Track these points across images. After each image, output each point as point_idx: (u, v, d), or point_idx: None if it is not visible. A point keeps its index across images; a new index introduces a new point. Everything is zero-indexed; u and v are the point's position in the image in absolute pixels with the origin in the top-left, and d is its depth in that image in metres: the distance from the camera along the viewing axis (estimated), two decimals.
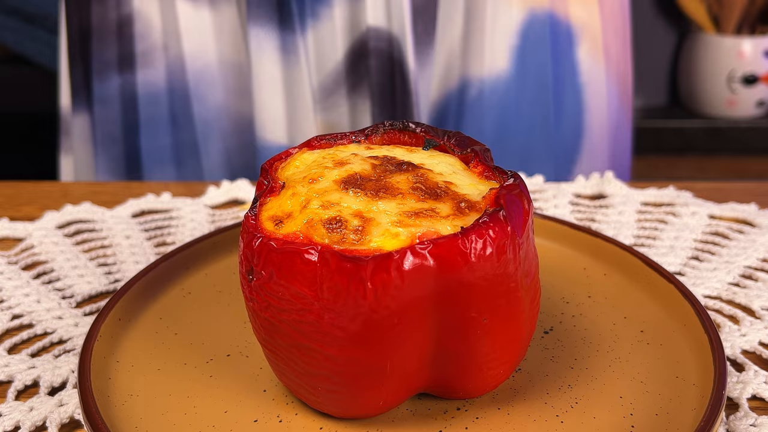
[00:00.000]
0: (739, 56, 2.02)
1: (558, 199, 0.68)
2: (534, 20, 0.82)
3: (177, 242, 0.62)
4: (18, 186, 0.73)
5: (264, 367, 0.43)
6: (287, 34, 0.78)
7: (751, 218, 0.63)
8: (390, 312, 0.34)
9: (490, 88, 0.83)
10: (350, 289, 0.34)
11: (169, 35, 0.80)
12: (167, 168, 0.84)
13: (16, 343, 0.49)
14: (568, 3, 0.83)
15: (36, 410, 0.43)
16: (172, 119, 0.83)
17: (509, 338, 0.39)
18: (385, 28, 0.78)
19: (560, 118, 0.86)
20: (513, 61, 0.83)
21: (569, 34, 0.84)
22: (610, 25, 0.86)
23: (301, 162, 0.42)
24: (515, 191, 0.37)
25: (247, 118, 0.82)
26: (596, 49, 0.85)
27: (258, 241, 0.36)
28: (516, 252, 0.36)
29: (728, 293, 0.53)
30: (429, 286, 0.34)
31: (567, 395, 0.41)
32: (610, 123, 0.89)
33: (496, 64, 0.82)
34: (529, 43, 0.83)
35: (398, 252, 0.34)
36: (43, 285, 0.55)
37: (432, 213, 0.37)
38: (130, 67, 0.82)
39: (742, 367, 0.46)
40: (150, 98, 0.82)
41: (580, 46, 0.84)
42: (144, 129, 0.83)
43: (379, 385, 0.37)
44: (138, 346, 0.45)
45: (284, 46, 0.79)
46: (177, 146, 0.83)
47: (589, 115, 0.87)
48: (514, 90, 0.83)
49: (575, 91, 0.86)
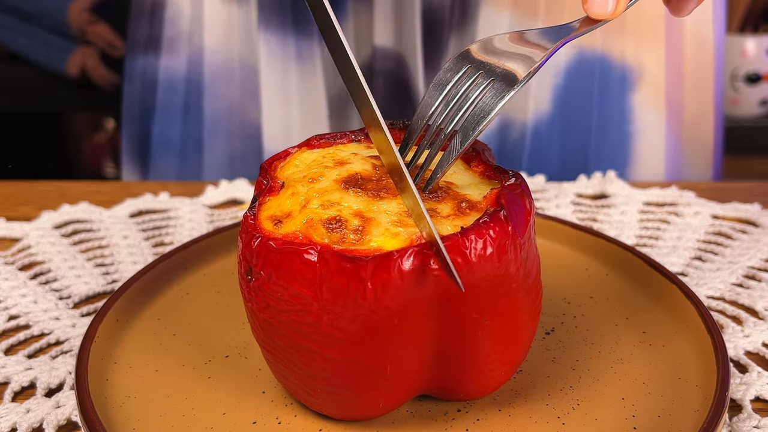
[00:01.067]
0: (742, 55, 2.01)
1: (560, 199, 0.67)
2: (582, 60, 0.76)
3: (175, 242, 0.61)
4: (15, 186, 0.73)
5: (263, 369, 0.43)
6: (303, 41, 0.77)
7: (755, 218, 0.63)
8: (390, 313, 0.34)
9: (531, 130, 0.77)
10: (350, 290, 0.33)
11: (194, 25, 0.79)
12: (171, 159, 0.84)
13: (12, 344, 0.49)
14: (625, 44, 0.76)
15: (33, 412, 0.42)
16: (185, 110, 0.82)
17: (510, 339, 0.38)
18: (393, 48, 0.76)
19: (599, 167, 0.77)
20: (555, 102, 0.77)
21: (623, 78, 0.77)
22: (676, 72, 0.78)
23: (300, 161, 0.42)
24: (517, 191, 0.37)
25: (255, 126, 0.81)
26: (656, 97, 0.78)
27: (257, 241, 0.36)
28: (517, 252, 0.36)
29: (731, 294, 0.53)
30: (429, 286, 0.34)
31: (568, 397, 0.41)
32: (667, 176, 0.80)
33: (539, 105, 0.77)
34: (574, 84, 0.76)
35: (398, 252, 0.33)
36: (40, 285, 0.55)
37: (432, 213, 0.36)
38: (155, 51, 0.81)
39: (745, 369, 0.46)
40: (169, 85, 0.82)
41: (635, 92, 0.77)
42: (158, 115, 0.82)
43: (379, 386, 0.37)
44: (136, 347, 0.45)
45: (300, 53, 0.77)
46: (184, 138, 0.83)
47: (636, 166, 0.78)
48: (555, 133, 0.78)
49: (620, 140, 0.78)
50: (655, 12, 0.76)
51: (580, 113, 0.77)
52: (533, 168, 0.78)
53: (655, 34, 0.76)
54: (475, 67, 0.39)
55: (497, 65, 0.39)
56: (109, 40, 1.67)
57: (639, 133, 0.78)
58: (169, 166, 0.84)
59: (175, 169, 0.84)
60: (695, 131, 0.82)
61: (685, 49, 0.79)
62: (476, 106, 0.38)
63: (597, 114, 0.77)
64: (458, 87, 0.39)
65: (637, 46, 0.76)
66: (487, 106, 0.37)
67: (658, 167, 0.79)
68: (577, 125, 0.77)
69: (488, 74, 0.39)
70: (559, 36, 0.39)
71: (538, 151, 0.78)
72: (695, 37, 0.79)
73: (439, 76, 0.40)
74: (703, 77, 0.80)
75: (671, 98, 0.79)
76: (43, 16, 1.69)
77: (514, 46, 0.39)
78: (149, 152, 0.84)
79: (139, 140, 0.85)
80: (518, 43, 0.39)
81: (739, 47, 2.04)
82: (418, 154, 0.39)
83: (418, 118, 0.40)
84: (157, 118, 0.82)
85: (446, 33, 0.75)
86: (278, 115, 0.79)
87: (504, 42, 0.40)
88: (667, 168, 0.79)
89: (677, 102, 0.79)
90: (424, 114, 0.39)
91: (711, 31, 0.79)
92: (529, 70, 0.37)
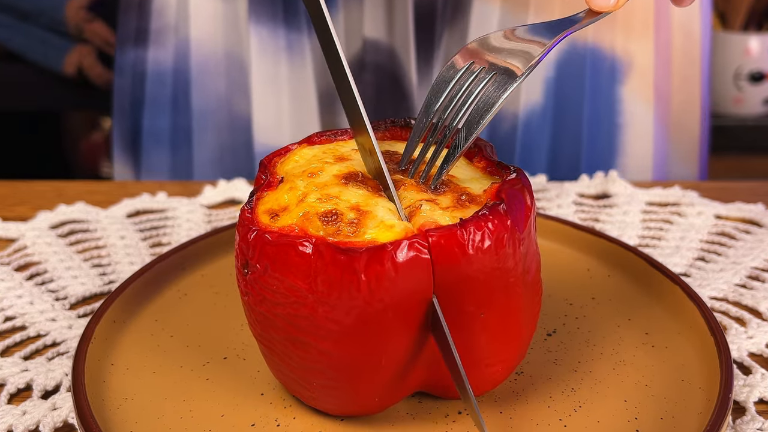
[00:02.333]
0: (745, 53, 2.01)
1: (561, 199, 0.67)
2: (573, 52, 0.75)
3: (173, 243, 0.61)
4: (11, 185, 0.72)
5: (261, 370, 0.43)
6: (293, 33, 0.77)
7: (758, 218, 0.63)
8: (384, 305, 0.34)
9: (523, 122, 0.77)
10: (344, 282, 0.33)
11: (180, 16, 0.79)
12: (162, 152, 0.83)
13: (8, 345, 0.48)
14: (615, 35, 0.76)
15: (29, 414, 0.42)
16: (174, 102, 0.82)
17: (508, 336, 0.38)
18: (384, 41, 0.75)
19: (590, 159, 0.78)
20: (547, 94, 0.77)
21: (613, 69, 0.77)
22: (665, 63, 0.79)
23: (300, 157, 0.42)
24: (517, 186, 0.37)
25: (245, 117, 0.81)
26: (644, 89, 0.78)
27: (253, 234, 0.36)
28: (516, 247, 0.36)
29: (735, 295, 0.53)
30: (425, 278, 0.34)
31: (570, 399, 0.40)
32: (655, 169, 0.80)
33: (530, 97, 0.77)
34: (565, 76, 0.76)
35: (392, 244, 0.33)
36: (37, 286, 0.55)
37: (431, 203, 0.36)
38: (143, 43, 0.81)
39: (749, 370, 0.45)
40: (157, 78, 0.81)
41: (624, 83, 0.78)
42: (148, 108, 0.82)
43: (374, 380, 0.37)
44: (133, 348, 0.44)
45: (290, 45, 0.77)
46: (174, 130, 0.83)
47: (624, 158, 0.79)
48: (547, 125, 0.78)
49: (609, 132, 0.78)
50: (645, 4, 0.76)
51: (572, 105, 0.77)
52: (525, 159, 0.78)
53: (645, 26, 0.76)
54: (477, 63, 0.40)
55: (497, 62, 0.39)
56: (106, 38, 1.67)
57: (628, 125, 0.79)
58: (160, 158, 0.84)
59: (167, 161, 0.84)
60: (682, 124, 0.82)
61: (673, 42, 0.79)
62: (480, 100, 0.38)
63: (588, 106, 0.77)
64: (461, 84, 0.40)
65: (627, 38, 0.76)
66: (489, 100, 0.38)
67: (645, 159, 0.80)
68: (569, 117, 0.78)
69: (490, 70, 0.39)
70: (562, 28, 0.40)
71: (529, 143, 0.78)
72: (682, 31, 0.79)
73: (442, 74, 0.40)
74: (691, 71, 0.81)
75: (660, 90, 0.79)
76: (40, 15, 1.69)
77: (512, 43, 0.40)
78: (140, 145, 0.84)
79: (130, 133, 0.84)
80: (516, 39, 0.40)
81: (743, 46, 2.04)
82: (425, 151, 0.40)
83: (423, 116, 0.40)
84: (146, 111, 0.82)
85: (439, 26, 0.75)
86: (269, 107, 0.78)
87: (503, 38, 0.41)
88: (654, 160, 0.80)
89: (665, 94, 0.80)
90: (429, 111, 0.40)
91: (698, 25, 0.80)
92: (528, 64, 0.38)
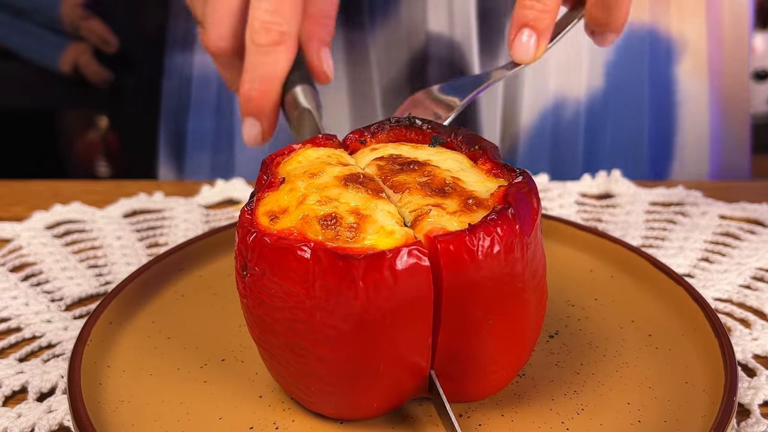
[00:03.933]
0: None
1: (563, 199, 0.67)
2: (633, 35, 0.77)
3: (170, 243, 0.61)
4: (6, 185, 0.72)
5: (260, 372, 0.42)
6: (355, 31, 0.76)
7: (763, 218, 0.62)
8: (383, 312, 0.33)
9: (586, 107, 0.78)
10: (342, 288, 0.33)
11: None
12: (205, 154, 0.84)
13: (3, 347, 0.48)
14: (670, 17, 0.78)
15: (24, 416, 0.42)
16: (218, 105, 0.83)
17: (514, 341, 0.38)
18: (447, 35, 0.75)
19: (652, 138, 0.80)
20: (607, 78, 0.78)
21: (669, 50, 0.79)
22: (716, 41, 0.81)
23: (304, 158, 0.41)
24: (524, 189, 0.37)
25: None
26: (699, 67, 0.80)
27: (252, 236, 0.35)
28: (524, 251, 0.35)
29: (739, 296, 0.52)
30: (424, 285, 0.34)
31: (573, 401, 0.40)
32: (712, 143, 0.83)
33: (592, 82, 0.78)
34: (625, 59, 0.78)
35: (392, 251, 0.33)
36: (32, 287, 0.54)
37: (438, 209, 0.36)
38: (190, 47, 0.82)
39: (753, 372, 0.45)
40: (202, 81, 0.82)
41: (679, 63, 0.80)
42: (193, 111, 0.83)
43: (372, 386, 0.36)
44: (130, 350, 0.44)
45: (351, 43, 0.76)
46: (217, 133, 0.83)
47: (684, 134, 0.81)
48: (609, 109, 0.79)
49: (668, 111, 0.80)
50: None
51: (632, 88, 0.79)
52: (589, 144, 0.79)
53: (697, 5, 0.79)
54: None
55: None
56: (103, 36, 1.66)
57: (683, 103, 0.80)
58: (202, 161, 0.85)
59: (209, 164, 0.85)
60: (734, 98, 0.85)
61: (723, 20, 0.81)
62: None
63: (648, 87, 0.79)
64: None
65: (680, 18, 0.78)
66: None
67: (701, 132, 0.82)
68: (631, 100, 0.79)
69: None
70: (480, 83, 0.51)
71: (593, 127, 0.79)
72: (732, 8, 0.81)
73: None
74: (740, 47, 0.83)
75: (713, 69, 0.81)
76: (36, 12, 1.68)
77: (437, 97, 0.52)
78: (185, 148, 0.85)
79: (174, 136, 0.86)
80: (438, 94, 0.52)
81: None
82: None
83: None
84: (192, 114, 0.84)
85: (503, 19, 0.76)
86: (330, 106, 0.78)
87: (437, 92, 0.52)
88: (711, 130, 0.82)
89: (718, 72, 0.82)
90: None
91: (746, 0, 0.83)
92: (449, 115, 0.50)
